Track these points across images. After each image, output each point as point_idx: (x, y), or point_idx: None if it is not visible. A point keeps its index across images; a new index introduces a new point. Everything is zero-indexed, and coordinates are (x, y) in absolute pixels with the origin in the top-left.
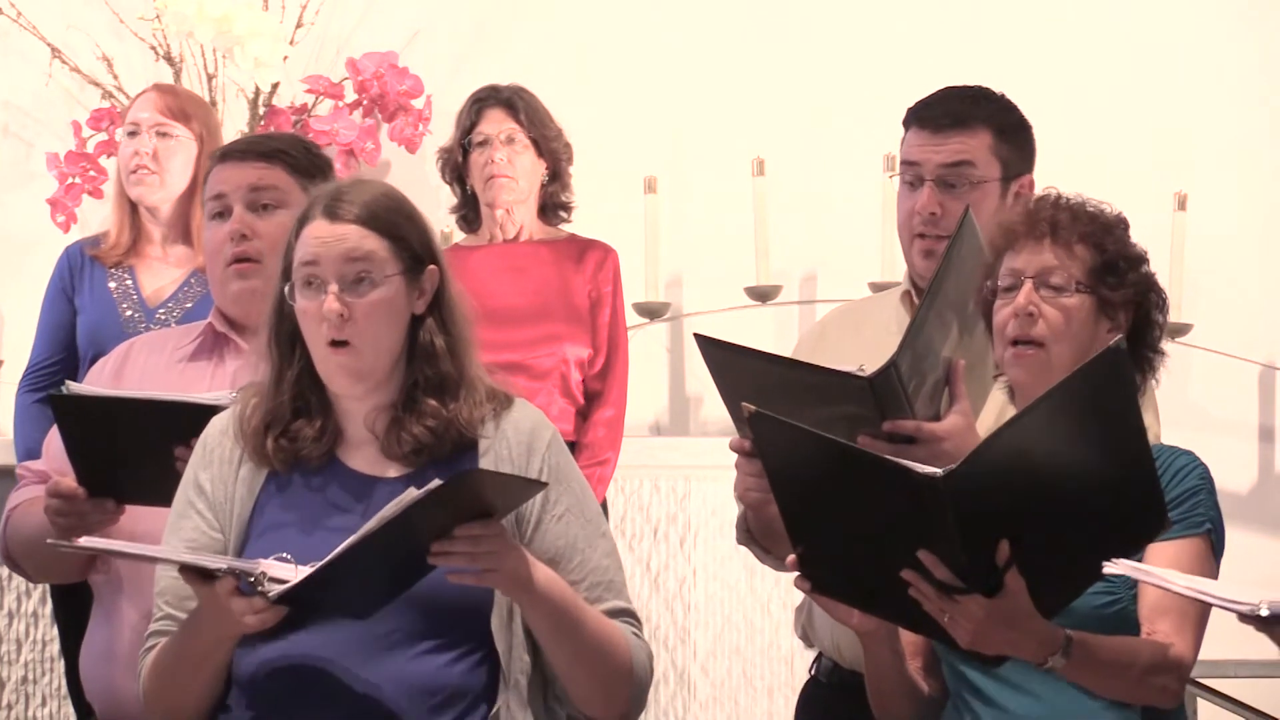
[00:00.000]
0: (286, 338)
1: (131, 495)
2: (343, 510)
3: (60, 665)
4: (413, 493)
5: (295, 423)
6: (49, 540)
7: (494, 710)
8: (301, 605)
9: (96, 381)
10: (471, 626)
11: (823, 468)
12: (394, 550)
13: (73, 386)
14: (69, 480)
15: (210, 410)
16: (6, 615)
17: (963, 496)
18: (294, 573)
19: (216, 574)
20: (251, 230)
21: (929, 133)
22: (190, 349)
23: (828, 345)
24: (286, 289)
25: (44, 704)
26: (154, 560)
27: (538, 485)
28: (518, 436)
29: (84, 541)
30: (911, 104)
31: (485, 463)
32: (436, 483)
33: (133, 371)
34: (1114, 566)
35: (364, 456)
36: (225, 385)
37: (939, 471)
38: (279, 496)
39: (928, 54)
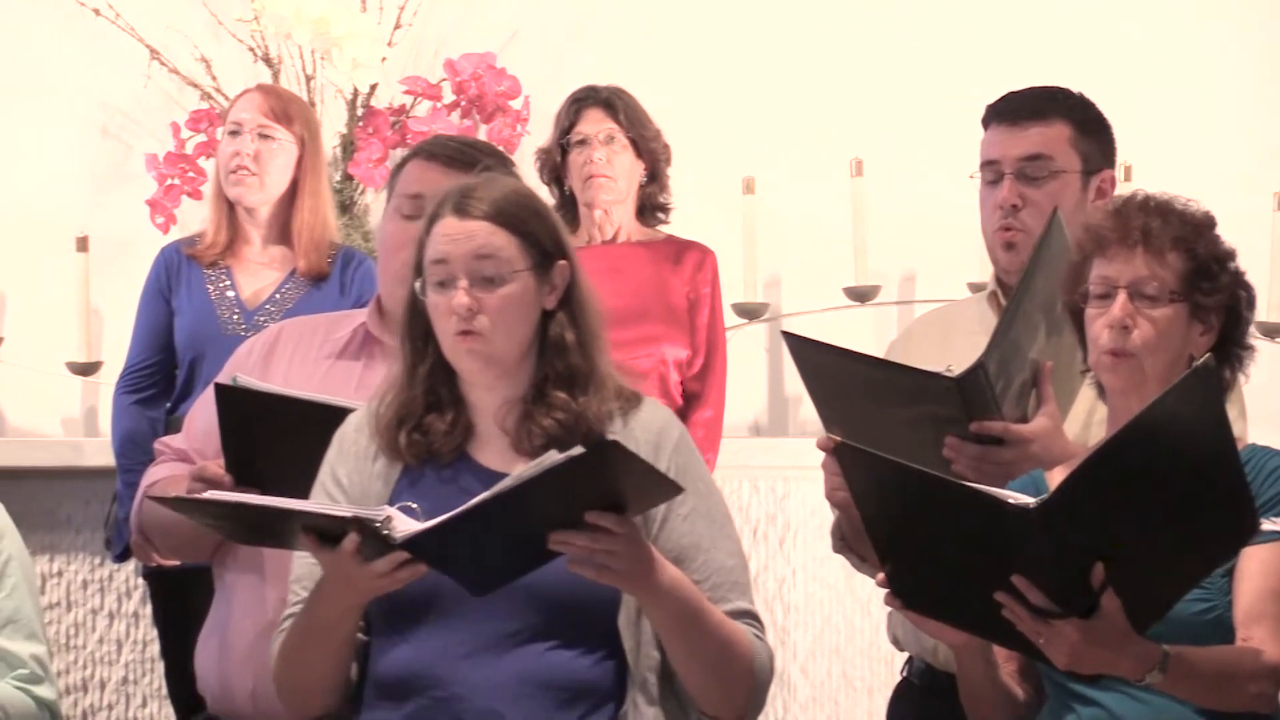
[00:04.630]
0: (419, 333)
1: (276, 489)
2: None
3: (160, 666)
4: (554, 455)
5: (427, 417)
6: (159, 496)
7: (622, 709)
8: (426, 560)
9: (244, 364)
10: (599, 625)
11: (909, 496)
12: (523, 518)
13: (240, 380)
14: (216, 465)
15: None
16: (107, 616)
17: (1056, 525)
18: (417, 524)
19: (343, 525)
20: None
21: (1006, 126)
22: (339, 346)
23: (914, 350)
24: (418, 286)
25: (144, 705)
26: (275, 511)
27: (673, 487)
28: (645, 435)
29: (211, 494)
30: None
31: None
32: (579, 449)
33: (280, 359)
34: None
35: (494, 452)
36: (373, 388)
37: (1031, 502)
38: (411, 490)
39: (1026, 52)
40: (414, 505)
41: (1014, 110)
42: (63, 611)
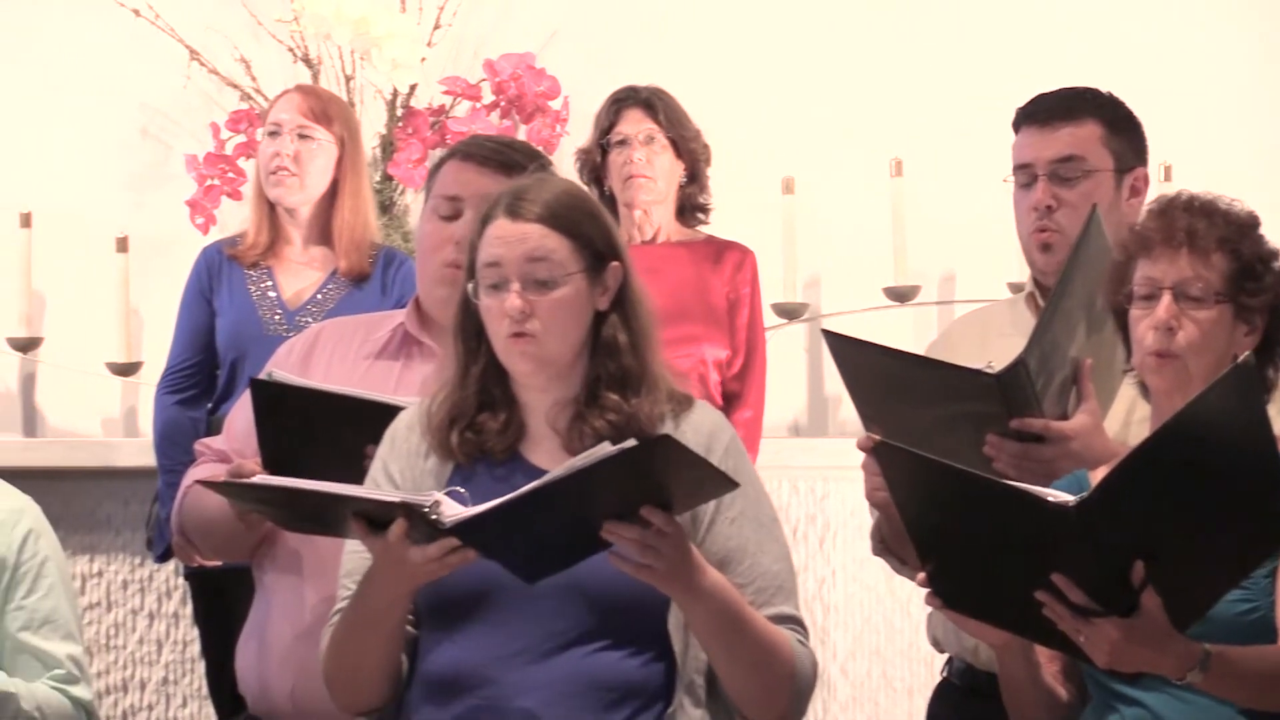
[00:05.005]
0: (472, 334)
1: None
2: None
3: (200, 666)
4: (607, 447)
5: (480, 416)
6: (209, 480)
7: (669, 709)
8: (474, 545)
9: (284, 364)
10: (648, 626)
11: (949, 496)
12: (573, 509)
13: (276, 374)
14: (253, 463)
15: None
16: (147, 616)
17: (1096, 523)
18: (465, 510)
19: (392, 510)
20: None
21: (1037, 128)
22: (379, 346)
23: (953, 351)
24: (471, 287)
25: (184, 705)
26: (326, 494)
27: (727, 482)
28: (697, 437)
29: (260, 478)
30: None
31: None
32: (632, 441)
33: (320, 359)
34: None
35: (546, 452)
36: (411, 387)
37: (1071, 500)
38: (463, 486)
39: (1063, 51)
40: (462, 490)
41: (1044, 112)
42: (103, 612)
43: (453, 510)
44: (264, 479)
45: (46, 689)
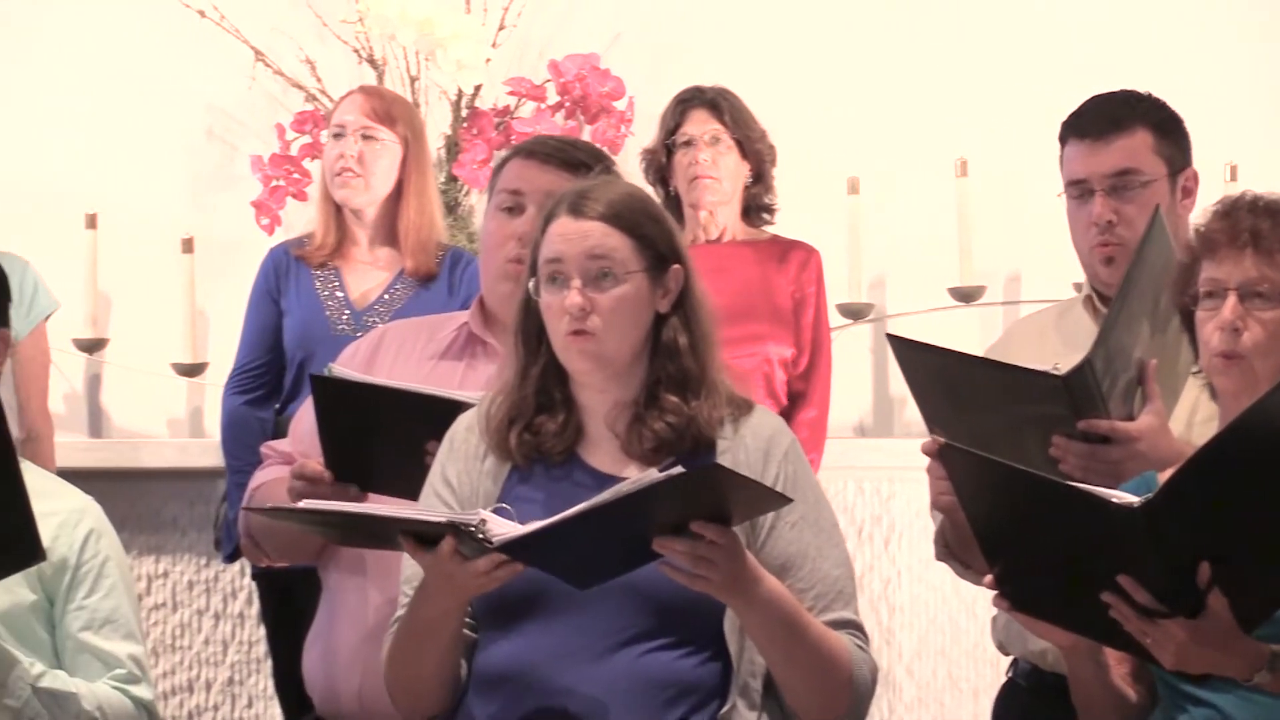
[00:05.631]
0: (533, 334)
1: (376, 484)
2: None
3: (266, 666)
4: (653, 474)
5: (538, 417)
6: (269, 505)
7: (724, 709)
8: (523, 560)
9: (350, 365)
10: (705, 627)
11: (1015, 497)
12: (622, 528)
13: (336, 370)
14: (315, 463)
15: (468, 408)
16: (213, 617)
17: (1161, 524)
18: (513, 527)
19: (439, 529)
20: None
21: (1089, 142)
22: (443, 346)
23: (1011, 353)
24: (532, 285)
25: (250, 705)
26: (372, 518)
27: (780, 498)
28: (756, 442)
29: (305, 503)
30: (1065, 117)
31: (723, 464)
32: (679, 469)
33: (384, 359)
34: None
35: (604, 454)
36: (475, 387)
37: (1136, 501)
38: (522, 488)
39: (1127, 53)
40: (507, 506)
41: (1093, 125)
42: (168, 612)
43: (500, 528)
44: (309, 504)
45: (108, 689)
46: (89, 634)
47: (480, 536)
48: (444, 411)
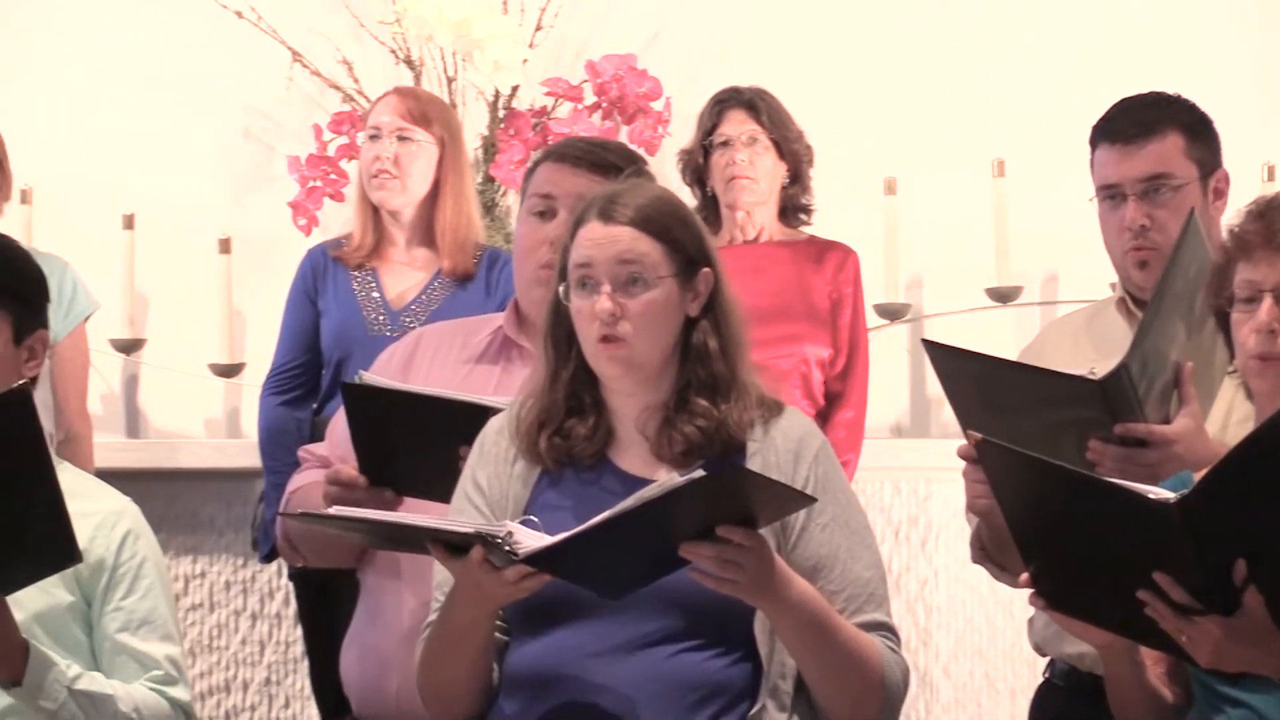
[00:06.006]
0: (562, 338)
1: (410, 488)
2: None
3: (303, 666)
4: (675, 479)
5: (568, 421)
6: (299, 511)
7: (753, 710)
8: (551, 571)
9: (385, 370)
10: (735, 629)
11: (1051, 493)
12: (647, 536)
13: (365, 377)
14: (349, 468)
15: (498, 413)
16: (249, 617)
17: (1197, 521)
18: (539, 538)
19: (467, 539)
20: None
21: (1120, 146)
22: (478, 350)
23: (1046, 356)
24: (562, 290)
25: (286, 705)
26: (399, 528)
27: (805, 498)
28: (786, 444)
29: (335, 510)
30: (1095, 121)
31: (752, 466)
32: (700, 472)
33: (420, 364)
34: None
35: (634, 457)
36: (510, 390)
37: (1172, 497)
38: (552, 491)
39: (1163, 52)
40: (534, 518)
41: (1124, 129)
42: (205, 613)
43: (526, 538)
44: (340, 510)
45: (144, 690)
46: (126, 635)
47: (507, 549)
48: (474, 417)
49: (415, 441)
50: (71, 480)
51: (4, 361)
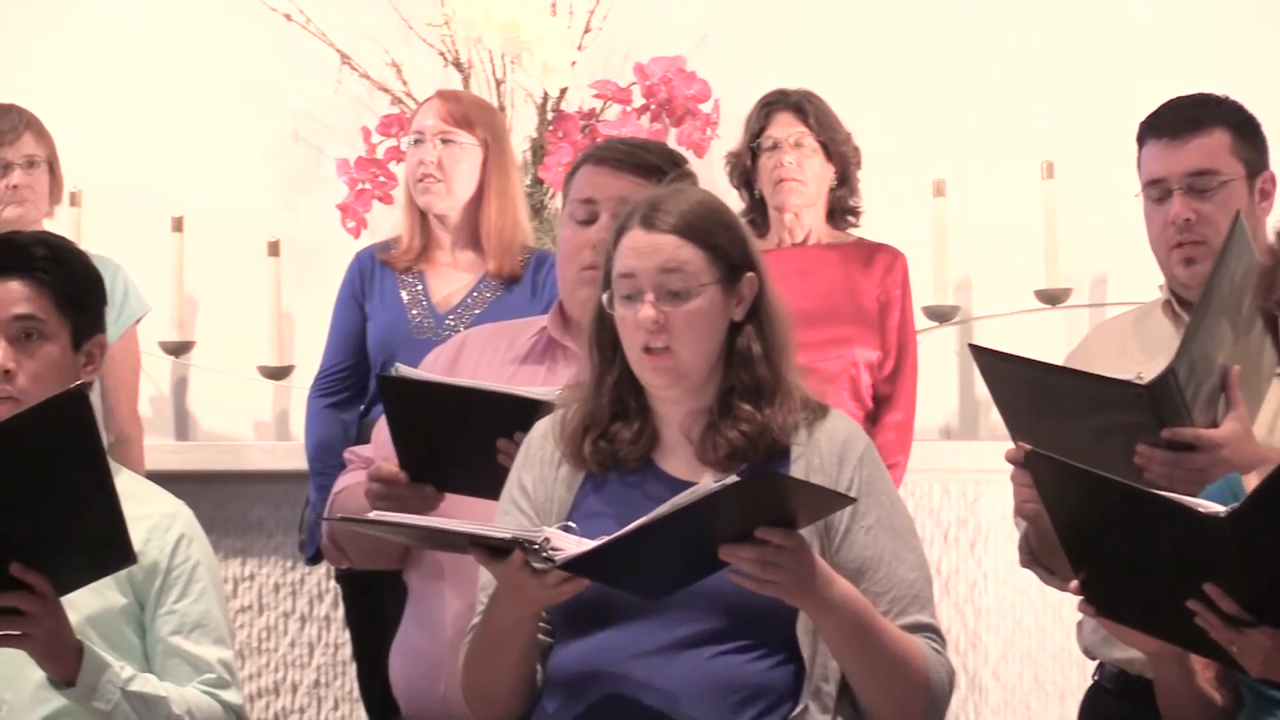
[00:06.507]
0: (607, 343)
1: (452, 484)
2: None
3: (352, 669)
4: (709, 484)
5: (613, 425)
6: (339, 515)
7: (795, 711)
8: (590, 576)
9: (430, 371)
10: (778, 631)
11: (1100, 505)
12: (686, 539)
13: (402, 369)
14: (391, 465)
15: (534, 404)
16: (299, 619)
17: (1247, 533)
18: (577, 543)
19: (505, 544)
20: None
21: (1167, 141)
22: (523, 351)
23: (1092, 360)
24: (606, 297)
25: (335, 707)
26: (440, 532)
27: (843, 499)
28: (830, 446)
29: (376, 515)
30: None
31: (796, 470)
32: (734, 478)
33: (466, 365)
34: None
35: (679, 461)
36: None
37: (1222, 510)
38: (595, 495)
39: (1211, 53)
40: (572, 524)
41: (1171, 125)
42: (254, 615)
43: (564, 544)
44: (381, 515)
45: (197, 693)
46: (179, 638)
47: (544, 555)
48: (510, 408)
49: (453, 435)
50: (126, 484)
51: (63, 367)
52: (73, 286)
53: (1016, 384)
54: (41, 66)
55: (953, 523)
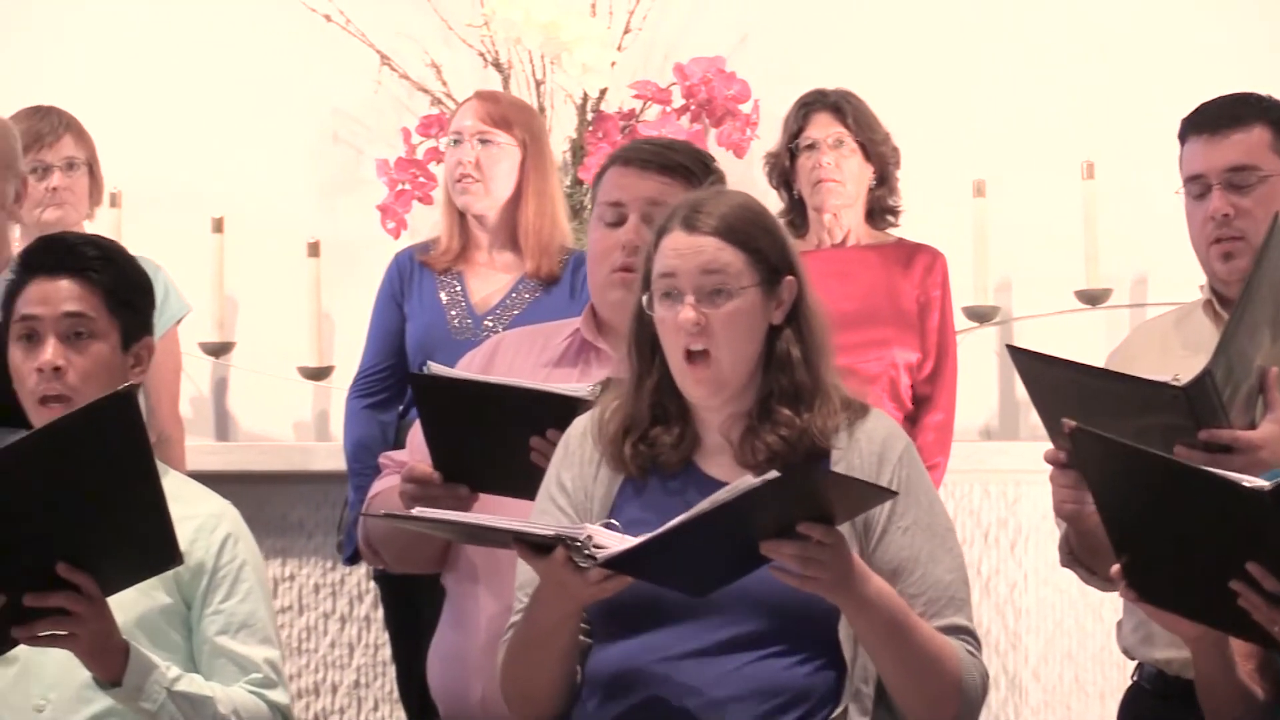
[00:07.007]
0: (647, 346)
1: (485, 483)
2: None
3: (392, 670)
4: (749, 480)
5: (653, 429)
6: (381, 512)
7: (836, 712)
8: (632, 574)
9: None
10: (819, 633)
11: (1145, 481)
12: (727, 535)
13: (433, 368)
14: (424, 465)
15: (566, 401)
16: (339, 620)
17: None
18: (619, 540)
19: (548, 541)
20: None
21: (1207, 136)
22: (557, 353)
23: (1134, 360)
24: (645, 299)
25: (375, 708)
26: (483, 529)
27: (885, 492)
28: (870, 446)
29: (418, 511)
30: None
31: (836, 470)
32: (774, 474)
33: (500, 367)
34: None
35: (720, 463)
36: None
37: (1267, 485)
38: (636, 498)
39: (1252, 54)
40: (615, 522)
41: (1211, 121)
42: (294, 615)
43: (606, 540)
44: (423, 512)
45: (244, 693)
46: (225, 638)
47: (586, 552)
48: (544, 406)
49: (486, 434)
50: (172, 484)
51: (112, 368)
52: (123, 288)
53: (1054, 385)
54: (82, 68)
55: (993, 523)
